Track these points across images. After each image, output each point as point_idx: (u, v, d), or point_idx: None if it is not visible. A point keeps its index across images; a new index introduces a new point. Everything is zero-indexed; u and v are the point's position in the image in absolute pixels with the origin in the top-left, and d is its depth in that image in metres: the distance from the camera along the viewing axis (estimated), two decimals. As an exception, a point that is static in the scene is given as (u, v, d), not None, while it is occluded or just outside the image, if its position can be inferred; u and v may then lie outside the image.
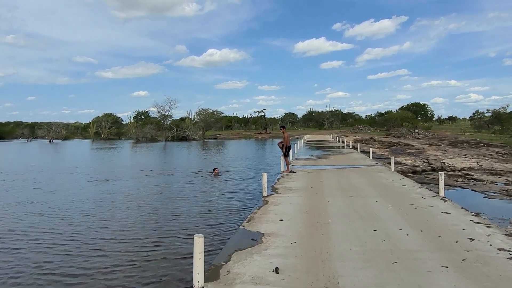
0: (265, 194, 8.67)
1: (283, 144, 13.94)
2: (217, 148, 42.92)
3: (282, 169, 13.86)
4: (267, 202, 7.92)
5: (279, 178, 11.67)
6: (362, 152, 24.77)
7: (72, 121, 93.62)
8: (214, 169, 17.24)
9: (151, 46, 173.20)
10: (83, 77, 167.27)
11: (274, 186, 10.13)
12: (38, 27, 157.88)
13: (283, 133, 13.98)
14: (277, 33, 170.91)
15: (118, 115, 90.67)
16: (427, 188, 9.41)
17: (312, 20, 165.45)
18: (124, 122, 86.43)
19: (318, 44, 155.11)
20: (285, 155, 13.96)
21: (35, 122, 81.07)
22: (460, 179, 17.03)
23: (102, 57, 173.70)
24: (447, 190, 14.84)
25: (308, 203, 7.67)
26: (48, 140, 71.73)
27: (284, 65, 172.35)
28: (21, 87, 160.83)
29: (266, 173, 8.81)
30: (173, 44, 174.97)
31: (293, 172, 13.28)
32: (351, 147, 29.53)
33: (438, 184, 14.93)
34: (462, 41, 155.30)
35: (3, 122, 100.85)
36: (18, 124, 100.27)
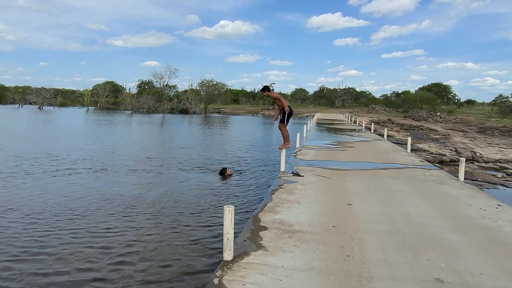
0: (228, 256, 3.68)
1: (282, 113, 8.90)
2: (219, 125, 37.62)
3: (282, 169, 8.82)
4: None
5: (274, 191, 6.67)
6: (389, 137, 19.63)
7: (82, 89, 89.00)
8: (224, 170, 10.93)
9: (163, 15, 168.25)
10: (94, 44, 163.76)
11: (259, 216, 5.14)
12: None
13: (269, 96, 9.00)
14: (291, 6, 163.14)
15: (129, 84, 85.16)
16: None
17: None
18: (127, 92, 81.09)
19: (333, 20, 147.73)
20: (283, 122, 8.91)
21: (42, 88, 76.79)
22: (499, 175, 13.17)
23: (113, 24, 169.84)
24: (487, 188, 10.05)
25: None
26: (38, 107, 67.14)
27: (297, 40, 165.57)
28: (34, 52, 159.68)
29: (232, 207, 3.79)
30: (185, 14, 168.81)
31: (298, 174, 8.27)
32: (372, 130, 24.28)
33: (480, 182, 10.23)
34: (482, 22, 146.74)
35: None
36: (26, 89, 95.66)
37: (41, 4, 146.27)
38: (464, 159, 8.36)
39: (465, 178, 8.36)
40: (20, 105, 72.57)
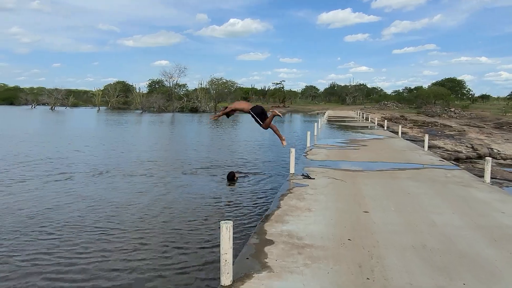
0: (226, 280, 3.13)
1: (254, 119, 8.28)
2: (228, 124, 37.00)
3: (292, 171, 8.26)
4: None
5: (282, 197, 6.12)
6: (402, 134, 18.84)
7: (94, 89, 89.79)
8: (231, 175, 10.22)
9: (172, 15, 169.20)
10: (106, 45, 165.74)
11: (265, 227, 4.60)
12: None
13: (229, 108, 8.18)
14: (300, 3, 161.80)
15: (140, 84, 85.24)
16: None
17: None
18: (137, 91, 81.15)
19: (343, 16, 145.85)
20: (262, 122, 8.33)
21: (54, 88, 77.84)
22: (519, 172, 12.37)
23: (124, 25, 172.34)
24: (507, 187, 9.29)
25: None
26: (50, 107, 67.67)
27: (307, 37, 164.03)
28: (47, 54, 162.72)
29: (230, 223, 3.23)
30: (194, 13, 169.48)
31: (308, 177, 7.70)
32: (385, 127, 23.49)
33: (499, 180, 9.50)
34: (496, 15, 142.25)
35: (11, 86, 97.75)
36: (40, 90, 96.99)
37: (52, 6, 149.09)
38: (490, 158, 7.68)
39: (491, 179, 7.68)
40: (33, 106, 73.33)
